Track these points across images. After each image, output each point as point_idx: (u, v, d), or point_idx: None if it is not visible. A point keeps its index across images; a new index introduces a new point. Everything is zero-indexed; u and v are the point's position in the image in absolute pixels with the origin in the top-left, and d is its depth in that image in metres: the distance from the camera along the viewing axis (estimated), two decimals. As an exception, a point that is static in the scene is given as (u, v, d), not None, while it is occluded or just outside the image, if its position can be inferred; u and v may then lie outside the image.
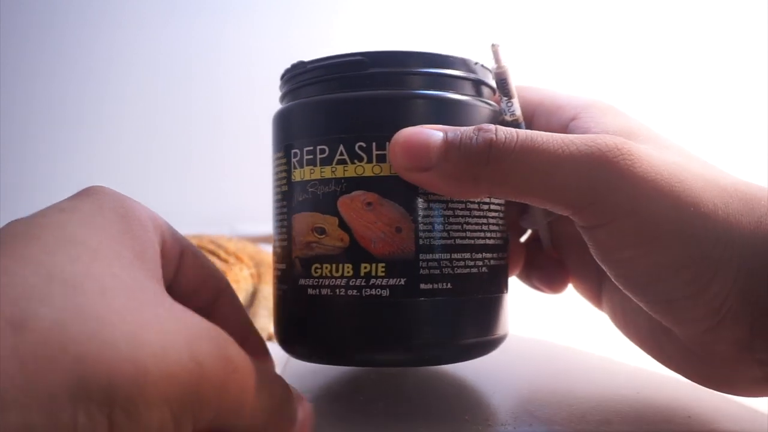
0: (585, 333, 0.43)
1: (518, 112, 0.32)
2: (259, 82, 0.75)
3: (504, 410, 0.30)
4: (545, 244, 0.35)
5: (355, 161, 0.28)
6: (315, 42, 0.78)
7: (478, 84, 0.31)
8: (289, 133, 0.31)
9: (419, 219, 0.28)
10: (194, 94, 0.80)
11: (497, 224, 0.31)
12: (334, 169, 0.29)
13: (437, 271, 0.28)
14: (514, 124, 0.32)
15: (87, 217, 0.20)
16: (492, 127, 0.26)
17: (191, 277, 0.25)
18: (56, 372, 0.15)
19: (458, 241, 0.29)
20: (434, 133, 0.27)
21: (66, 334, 0.15)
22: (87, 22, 0.83)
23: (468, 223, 0.29)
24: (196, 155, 0.80)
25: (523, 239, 0.37)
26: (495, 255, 0.30)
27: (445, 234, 0.28)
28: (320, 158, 0.29)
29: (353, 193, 0.28)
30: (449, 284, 0.28)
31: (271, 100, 0.34)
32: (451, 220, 0.28)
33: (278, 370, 0.34)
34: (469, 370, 0.35)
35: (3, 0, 0.81)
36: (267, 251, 0.53)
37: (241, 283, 0.41)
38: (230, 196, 0.74)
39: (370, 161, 0.28)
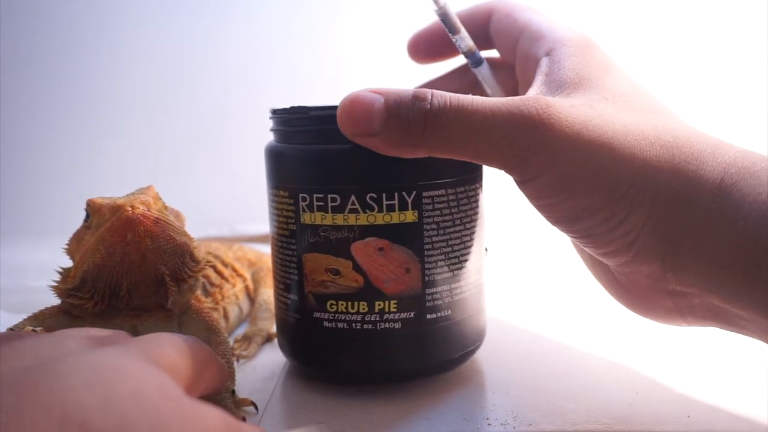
0: (584, 331, 0.43)
1: (468, 44, 0.34)
2: (261, 84, 0.77)
3: (504, 410, 0.31)
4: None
5: (367, 211, 0.31)
6: (318, 44, 0.77)
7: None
8: (293, 175, 0.32)
9: (425, 259, 0.31)
10: (195, 95, 0.79)
11: (480, 241, 0.35)
12: (346, 218, 0.31)
13: (440, 302, 0.32)
14: (470, 55, 0.35)
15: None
16: (427, 95, 0.28)
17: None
18: None
19: (456, 273, 0.33)
20: (375, 98, 0.29)
21: None
22: (88, 23, 0.81)
23: (463, 255, 0.33)
24: (196, 156, 0.80)
25: None
26: (480, 275, 0.35)
27: (446, 269, 0.32)
28: (332, 206, 0.31)
29: (366, 240, 0.31)
30: (449, 311, 0.33)
31: (271, 102, 0.35)
32: (450, 255, 0.32)
33: (277, 374, 0.37)
34: (469, 370, 0.36)
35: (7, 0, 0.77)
36: (268, 254, 0.54)
37: (231, 298, 0.43)
38: (230, 197, 0.74)
39: (380, 210, 0.31)
